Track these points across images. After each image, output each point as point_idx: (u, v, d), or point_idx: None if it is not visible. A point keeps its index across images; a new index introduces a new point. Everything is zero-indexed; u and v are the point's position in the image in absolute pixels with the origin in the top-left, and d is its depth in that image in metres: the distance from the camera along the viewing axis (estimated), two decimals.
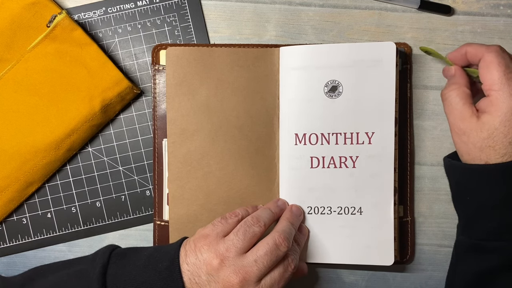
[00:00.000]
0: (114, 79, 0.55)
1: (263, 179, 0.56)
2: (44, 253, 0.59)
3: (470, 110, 0.49)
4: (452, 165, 0.52)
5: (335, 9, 0.59)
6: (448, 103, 0.51)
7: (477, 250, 0.50)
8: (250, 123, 0.56)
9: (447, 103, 0.52)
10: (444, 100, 0.52)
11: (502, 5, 0.58)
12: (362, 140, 0.55)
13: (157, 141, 0.57)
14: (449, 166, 0.53)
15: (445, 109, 0.52)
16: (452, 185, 0.53)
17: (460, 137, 0.50)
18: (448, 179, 0.54)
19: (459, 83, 0.51)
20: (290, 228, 0.51)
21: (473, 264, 0.50)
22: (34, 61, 0.55)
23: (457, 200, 0.53)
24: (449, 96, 0.51)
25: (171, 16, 0.59)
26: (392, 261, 0.54)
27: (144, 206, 0.59)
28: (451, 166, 0.52)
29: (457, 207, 0.53)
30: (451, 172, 0.53)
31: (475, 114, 0.49)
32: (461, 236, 0.52)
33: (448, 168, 0.54)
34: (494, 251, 0.48)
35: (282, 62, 0.55)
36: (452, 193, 0.54)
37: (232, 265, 0.46)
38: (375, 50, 0.54)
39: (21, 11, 0.54)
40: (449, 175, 0.54)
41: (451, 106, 0.51)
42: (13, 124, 0.55)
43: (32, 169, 0.55)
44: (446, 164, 0.54)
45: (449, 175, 0.54)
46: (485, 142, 0.48)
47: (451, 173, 0.53)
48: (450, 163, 0.52)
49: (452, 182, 0.53)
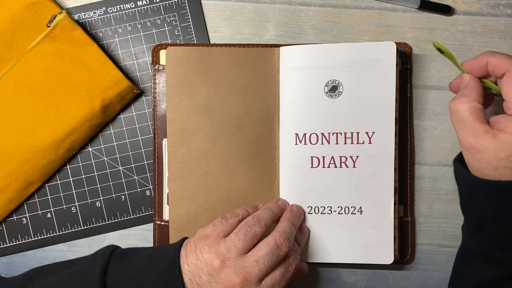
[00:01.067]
0: (114, 79, 0.55)
1: (263, 179, 0.56)
2: (44, 253, 0.59)
3: (483, 127, 0.45)
4: (463, 175, 0.48)
5: (335, 9, 0.59)
6: (457, 117, 0.46)
7: (484, 258, 0.48)
8: (250, 123, 0.56)
9: (456, 117, 0.47)
10: (453, 112, 0.47)
11: (502, 5, 0.58)
12: (362, 140, 0.55)
13: (157, 141, 0.57)
14: (459, 174, 0.49)
15: (454, 123, 0.47)
16: (460, 191, 0.50)
17: (473, 155, 0.46)
18: (457, 183, 0.51)
19: (471, 96, 0.46)
20: (291, 228, 0.51)
21: (480, 272, 0.48)
22: (34, 61, 0.55)
23: (466, 207, 0.50)
24: (458, 110, 0.46)
25: (171, 16, 0.59)
26: (392, 260, 0.54)
27: (144, 206, 0.59)
28: (461, 175, 0.49)
29: (466, 212, 0.50)
30: (462, 181, 0.49)
31: (490, 132, 0.45)
32: (468, 240, 0.50)
33: (458, 176, 0.50)
34: (503, 261, 0.47)
35: (282, 62, 0.55)
36: (461, 199, 0.51)
37: (233, 265, 0.46)
38: (375, 50, 0.54)
39: (21, 11, 0.54)
40: (459, 182, 0.50)
41: (461, 122, 0.46)
42: (13, 124, 0.55)
43: (32, 169, 0.55)
44: (457, 171, 0.50)
45: (458, 182, 0.50)
46: (502, 163, 0.44)
47: (461, 182, 0.50)
48: (460, 171, 0.48)
49: (462, 189, 0.50)
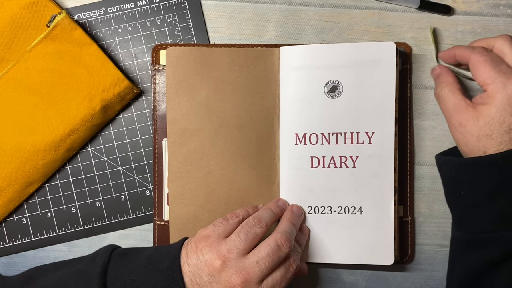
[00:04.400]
0: (114, 79, 0.55)
1: (263, 179, 0.56)
2: (44, 253, 0.59)
3: (464, 102, 0.51)
4: (446, 161, 0.53)
5: (335, 9, 0.59)
6: (442, 100, 0.53)
7: (475, 244, 0.50)
8: (250, 123, 0.56)
9: (441, 101, 0.53)
10: (438, 98, 0.54)
11: (502, 5, 0.58)
12: (362, 140, 0.55)
13: (157, 141, 0.57)
14: (442, 162, 0.54)
15: (441, 107, 0.54)
16: (445, 182, 0.54)
17: (457, 129, 0.51)
18: (441, 176, 0.55)
19: (447, 81, 0.53)
20: (291, 229, 0.51)
21: (472, 259, 0.50)
22: (34, 61, 0.55)
23: (451, 196, 0.53)
24: (441, 93, 0.53)
25: (171, 16, 0.59)
26: (392, 261, 0.54)
27: (144, 206, 0.59)
28: (444, 162, 0.53)
29: (451, 203, 0.53)
30: (445, 168, 0.53)
31: (470, 105, 0.51)
32: (457, 232, 0.52)
33: (441, 165, 0.54)
34: (494, 242, 0.49)
35: (282, 62, 0.55)
36: (445, 190, 0.54)
37: (234, 266, 0.47)
38: (375, 50, 0.54)
39: (21, 11, 0.54)
40: (443, 171, 0.54)
41: (445, 102, 0.53)
42: (13, 124, 0.55)
43: (32, 169, 0.55)
44: (439, 161, 0.54)
45: (442, 172, 0.54)
46: (482, 131, 0.49)
47: (444, 169, 0.53)
48: (443, 159, 0.53)
49: (446, 178, 0.53)
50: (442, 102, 0.53)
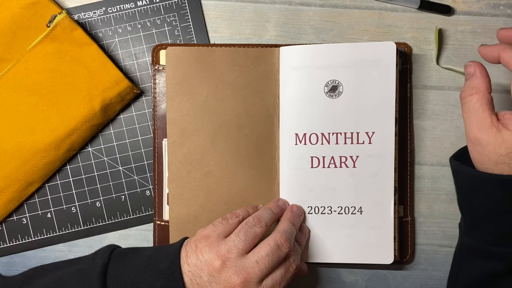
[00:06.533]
0: (114, 79, 0.55)
1: (263, 179, 0.56)
2: (44, 253, 0.59)
3: (489, 119, 0.46)
4: (461, 171, 0.49)
5: (335, 9, 0.59)
6: (466, 109, 0.47)
7: (482, 253, 0.48)
8: (250, 123, 0.56)
9: (465, 108, 0.47)
10: (463, 104, 0.48)
11: (502, 5, 0.58)
12: (362, 140, 0.55)
13: (157, 141, 0.57)
14: (457, 170, 0.50)
15: (463, 114, 0.48)
16: (458, 189, 0.51)
17: (475, 147, 0.47)
18: (454, 181, 0.51)
19: (478, 88, 0.47)
20: (291, 229, 0.51)
21: (477, 267, 0.49)
22: (34, 61, 0.55)
23: (464, 203, 0.50)
24: (469, 101, 0.47)
25: (171, 16, 0.59)
26: (392, 259, 0.54)
27: (144, 206, 0.59)
28: (460, 170, 0.49)
29: (463, 209, 0.51)
30: (460, 176, 0.50)
31: (495, 125, 0.45)
32: (466, 237, 0.50)
33: (455, 172, 0.51)
34: (500, 256, 0.47)
35: (282, 62, 0.55)
36: (458, 196, 0.51)
37: (233, 266, 0.46)
38: (375, 50, 0.54)
39: (21, 11, 0.54)
40: (457, 178, 0.51)
41: (469, 112, 0.47)
42: (13, 124, 0.55)
43: (32, 169, 0.55)
44: (454, 168, 0.50)
45: (456, 178, 0.51)
46: (501, 159, 0.45)
47: (459, 177, 0.50)
48: (458, 167, 0.49)
49: (459, 185, 0.50)
50: (466, 111, 0.47)
